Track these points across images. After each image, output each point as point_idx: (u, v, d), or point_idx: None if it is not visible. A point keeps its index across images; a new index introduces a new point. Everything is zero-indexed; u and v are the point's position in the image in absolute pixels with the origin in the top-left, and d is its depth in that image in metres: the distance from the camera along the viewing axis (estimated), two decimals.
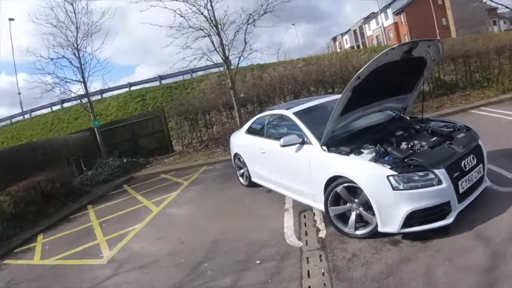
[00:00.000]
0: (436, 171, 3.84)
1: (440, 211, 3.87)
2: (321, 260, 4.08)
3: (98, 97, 21.50)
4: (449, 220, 3.87)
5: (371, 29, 59.87)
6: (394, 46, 4.23)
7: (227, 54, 12.70)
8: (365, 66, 4.11)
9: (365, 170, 4.11)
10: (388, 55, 4.17)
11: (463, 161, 4.11)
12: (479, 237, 3.83)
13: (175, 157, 13.55)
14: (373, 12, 58.58)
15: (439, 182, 3.81)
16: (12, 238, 7.36)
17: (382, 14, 53.96)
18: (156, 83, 24.78)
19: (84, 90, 14.13)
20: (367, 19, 60.93)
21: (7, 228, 7.55)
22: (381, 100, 5.20)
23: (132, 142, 14.62)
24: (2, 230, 7.42)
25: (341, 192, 4.31)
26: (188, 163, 11.94)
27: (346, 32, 69.69)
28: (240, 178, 7.62)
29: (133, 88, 25.04)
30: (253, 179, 6.98)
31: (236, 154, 7.56)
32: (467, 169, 4.11)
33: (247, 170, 7.13)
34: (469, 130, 4.94)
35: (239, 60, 13.01)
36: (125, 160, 12.85)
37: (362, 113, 5.03)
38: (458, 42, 15.61)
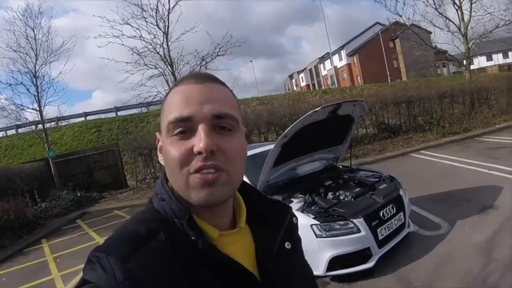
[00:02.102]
0: (355, 220, 4.36)
1: (361, 256, 4.36)
2: None
3: (54, 124, 21.46)
4: (370, 264, 4.37)
5: (325, 68, 62.61)
6: (317, 109, 4.81)
7: None
8: (291, 126, 4.65)
9: None
10: (313, 116, 4.75)
11: (382, 211, 4.64)
12: (401, 280, 4.33)
13: (129, 192, 13.65)
14: (328, 53, 61.35)
15: (358, 230, 4.32)
16: None
17: (337, 55, 56.61)
18: (112, 114, 25.08)
19: (40, 118, 14.31)
20: (322, 59, 63.74)
21: None
22: (313, 151, 5.72)
23: (86, 175, 14.72)
24: None
25: None
26: (141, 200, 12.06)
27: (302, 71, 72.39)
28: None
29: (89, 117, 25.17)
30: None
31: None
32: (385, 218, 4.64)
33: None
34: (392, 180, 5.53)
35: None
36: (79, 194, 12.97)
37: (295, 164, 5.53)
38: (400, 90, 16.81)
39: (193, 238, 0.79)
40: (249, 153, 6.23)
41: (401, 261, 4.68)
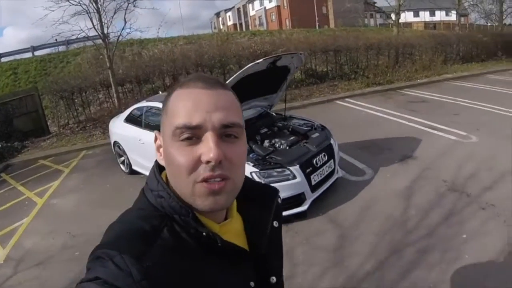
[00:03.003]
0: (291, 168, 4.67)
1: (296, 200, 4.73)
2: None
3: None
4: (304, 207, 4.78)
5: (254, 9, 61.70)
6: (259, 60, 4.95)
7: (105, 32, 12.67)
8: (233, 76, 4.77)
9: None
10: (254, 67, 4.88)
11: (315, 159, 5.01)
12: (330, 220, 4.79)
13: (52, 140, 12.97)
14: None
15: (294, 177, 4.65)
16: None
17: None
18: (29, 55, 23.02)
19: None
20: None
21: None
22: (250, 99, 5.90)
23: (6, 124, 13.60)
24: None
25: None
26: (66, 147, 11.60)
27: (230, 9, 70.75)
28: (121, 166, 7.81)
29: (3, 59, 22.96)
30: (134, 167, 7.24)
31: (116, 142, 7.73)
32: (318, 165, 5.02)
33: (127, 158, 7.37)
34: (323, 129, 5.90)
35: (117, 40, 13.11)
36: (0, 145, 12.07)
37: None
38: (330, 38, 17.32)
39: (200, 231, 0.83)
40: None
41: (330, 204, 5.14)
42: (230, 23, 69.81)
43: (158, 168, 0.94)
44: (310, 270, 3.83)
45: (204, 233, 0.83)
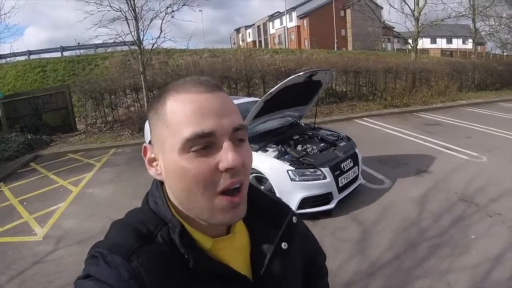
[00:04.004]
0: (322, 169, 5.33)
1: (325, 198, 5.37)
2: None
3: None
4: (331, 205, 5.40)
5: (274, 27, 62.81)
6: (300, 73, 5.73)
7: (141, 39, 13.39)
8: (276, 86, 5.46)
9: (270, 164, 5.44)
10: (295, 78, 5.60)
11: (343, 163, 5.66)
12: (353, 219, 5.41)
13: (80, 136, 13.59)
14: (278, 12, 61.82)
15: (324, 177, 5.30)
16: None
17: (287, 15, 56.98)
18: (57, 54, 24.16)
19: None
20: (272, 17, 63.81)
21: None
22: (284, 109, 6.57)
23: (35, 117, 14.32)
24: None
25: (251, 180, 5.54)
26: (95, 144, 12.17)
27: (250, 26, 71.97)
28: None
29: (32, 56, 24.03)
30: None
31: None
32: (345, 169, 5.67)
33: None
34: (349, 140, 6.54)
35: (152, 47, 13.76)
36: (29, 136, 12.59)
37: (268, 118, 6.34)
38: (351, 60, 18.05)
39: (184, 254, 0.78)
40: None
41: (353, 206, 5.77)
42: (249, 39, 71.11)
43: None
44: (337, 257, 4.43)
45: (186, 256, 0.78)
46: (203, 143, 0.75)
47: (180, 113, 0.77)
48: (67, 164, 10.07)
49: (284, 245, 0.95)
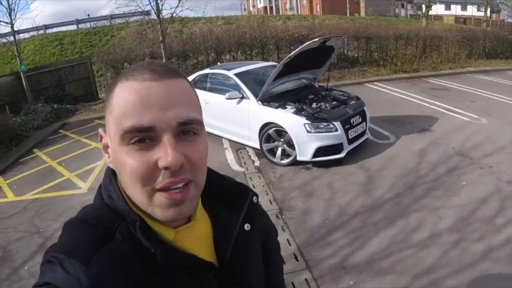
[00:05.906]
0: (334, 123, 6.09)
1: (336, 148, 6.17)
2: (260, 178, 6.15)
3: (27, 35, 21.11)
4: (342, 154, 6.20)
5: None
6: (315, 39, 6.48)
7: (160, 8, 13.78)
8: (294, 51, 6.20)
9: (289, 119, 6.21)
10: (311, 44, 6.33)
11: (352, 119, 6.42)
12: (361, 167, 6.23)
13: (103, 104, 14.04)
14: None
15: (336, 130, 6.07)
16: None
17: None
18: (73, 27, 24.61)
19: (12, 32, 14.18)
20: None
21: None
22: (300, 72, 7.28)
23: (58, 88, 14.94)
24: None
25: (272, 133, 6.40)
26: None
27: None
28: None
29: (48, 30, 24.50)
30: None
31: None
32: (354, 124, 6.43)
33: None
34: (358, 99, 7.25)
35: (171, 16, 14.21)
36: (56, 106, 13.12)
37: (286, 80, 7.06)
38: (362, 26, 18.54)
39: (147, 249, 0.74)
40: (245, 69, 7.65)
41: (360, 156, 6.57)
42: (260, 5, 70.34)
43: None
44: (346, 195, 5.26)
45: (152, 250, 0.74)
46: (142, 137, 0.71)
47: (122, 103, 0.73)
48: (95, 129, 10.49)
49: (247, 227, 0.95)
